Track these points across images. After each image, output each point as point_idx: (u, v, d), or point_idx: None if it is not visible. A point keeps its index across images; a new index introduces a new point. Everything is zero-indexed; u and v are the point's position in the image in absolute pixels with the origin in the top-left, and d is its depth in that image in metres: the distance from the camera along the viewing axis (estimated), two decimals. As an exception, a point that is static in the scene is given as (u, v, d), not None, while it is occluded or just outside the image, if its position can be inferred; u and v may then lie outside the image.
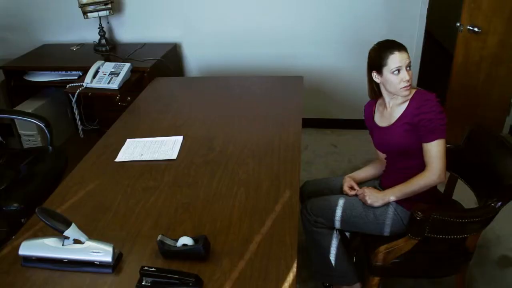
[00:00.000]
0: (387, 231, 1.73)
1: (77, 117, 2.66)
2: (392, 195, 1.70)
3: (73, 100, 2.52)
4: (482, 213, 1.57)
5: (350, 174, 1.91)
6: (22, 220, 2.28)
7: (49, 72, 3.01)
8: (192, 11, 3.16)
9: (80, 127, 2.73)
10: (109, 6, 2.99)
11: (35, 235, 1.38)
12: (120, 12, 3.21)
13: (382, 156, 1.87)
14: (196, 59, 3.31)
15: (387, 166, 1.86)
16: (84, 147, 2.70)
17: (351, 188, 1.84)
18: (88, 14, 2.97)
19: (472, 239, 1.67)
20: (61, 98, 3.33)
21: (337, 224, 1.76)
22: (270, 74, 3.08)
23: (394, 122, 1.71)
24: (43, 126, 2.25)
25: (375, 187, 1.85)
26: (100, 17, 3.05)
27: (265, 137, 1.88)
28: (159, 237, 1.23)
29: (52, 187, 2.13)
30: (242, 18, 3.13)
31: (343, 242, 1.83)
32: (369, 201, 1.72)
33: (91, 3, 2.94)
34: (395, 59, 1.61)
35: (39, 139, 3.07)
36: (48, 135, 2.27)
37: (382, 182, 1.87)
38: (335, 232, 1.79)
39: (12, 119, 3.07)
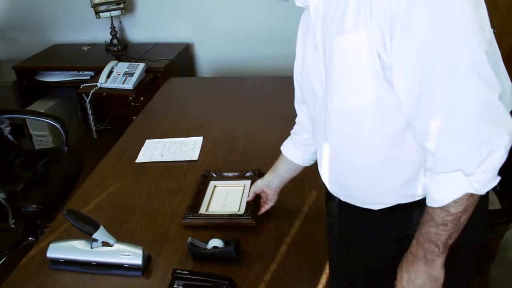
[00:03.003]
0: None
1: (91, 118, 2.65)
2: None
3: (87, 100, 2.51)
4: (505, 214, 1.56)
5: None
6: (38, 221, 2.28)
7: (61, 72, 2.99)
8: (205, 11, 3.14)
9: (93, 127, 2.72)
10: (122, 6, 2.97)
11: (60, 237, 1.37)
12: (132, 12, 3.20)
13: None
14: (208, 59, 3.30)
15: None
16: (96, 147, 2.69)
17: None
18: (100, 14, 2.96)
19: (494, 240, 1.66)
20: (71, 98, 3.32)
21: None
22: (283, 74, 3.06)
23: None
24: (58, 127, 2.24)
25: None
26: (112, 17, 3.04)
27: (286, 136, 1.86)
28: (189, 239, 1.21)
29: (69, 188, 2.13)
30: (255, 17, 3.11)
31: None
32: None
33: (104, 3, 2.93)
34: None
35: (51, 139, 3.06)
36: (64, 135, 2.26)
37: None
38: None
39: (24, 119, 3.05)
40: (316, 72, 0.92)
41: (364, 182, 0.93)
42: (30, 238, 2.25)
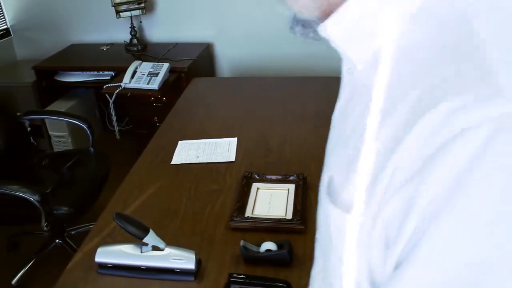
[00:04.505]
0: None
1: (114, 118, 2.63)
2: None
3: (111, 101, 2.49)
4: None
5: None
6: (65, 224, 2.27)
7: (80, 72, 2.98)
8: (226, 10, 3.12)
9: (116, 128, 2.70)
10: (142, 5, 2.95)
11: (104, 241, 1.34)
12: (152, 12, 3.18)
13: None
14: (229, 59, 3.27)
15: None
16: (116, 147, 2.68)
17: None
18: (121, 13, 2.94)
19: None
20: (89, 98, 3.30)
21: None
22: (305, 75, 3.04)
23: None
24: (85, 127, 2.22)
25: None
26: (131, 17, 3.01)
27: (320, 137, 1.81)
28: (242, 242, 1.19)
29: (98, 190, 2.12)
30: (275, 17, 3.08)
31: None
32: None
33: (124, 3, 2.91)
34: None
35: (70, 140, 3.04)
36: (90, 136, 2.24)
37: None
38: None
39: (43, 120, 3.03)
40: None
41: None
42: (57, 240, 2.23)
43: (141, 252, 1.21)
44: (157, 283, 1.19)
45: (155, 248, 1.21)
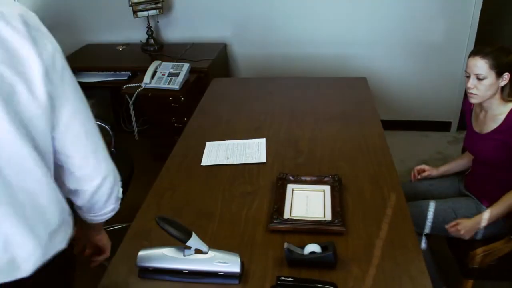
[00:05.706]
0: (479, 236, 1.69)
1: (134, 119, 2.62)
2: (484, 219, 1.66)
3: (131, 101, 2.48)
4: None
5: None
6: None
7: (96, 72, 2.96)
8: (242, 10, 3.11)
9: (135, 129, 2.69)
10: (160, 5, 2.94)
11: (141, 245, 1.33)
12: (169, 12, 3.16)
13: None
14: (245, 59, 3.26)
15: (474, 169, 1.83)
16: (133, 148, 2.66)
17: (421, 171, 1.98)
18: (138, 13, 2.92)
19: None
20: (104, 98, 3.29)
21: (428, 230, 1.74)
22: (321, 75, 3.03)
23: (487, 134, 1.68)
24: (108, 128, 2.21)
25: (459, 190, 1.83)
26: (148, 17, 3.00)
27: (350, 138, 1.83)
28: (286, 245, 1.19)
29: (123, 193, 2.10)
30: (293, 19, 3.08)
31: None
32: (467, 237, 1.66)
33: (142, 2, 2.89)
34: (468, 63, 1.63)
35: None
36: (113, 138, 2.23)
37: (468, 185, 1.84)
38: (423, 238, 1.77)
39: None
40: None
41: None
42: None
43: (184, 255, 1.20)
44: (200, 287, 1.18)
45: (197, 251, 1.20)
